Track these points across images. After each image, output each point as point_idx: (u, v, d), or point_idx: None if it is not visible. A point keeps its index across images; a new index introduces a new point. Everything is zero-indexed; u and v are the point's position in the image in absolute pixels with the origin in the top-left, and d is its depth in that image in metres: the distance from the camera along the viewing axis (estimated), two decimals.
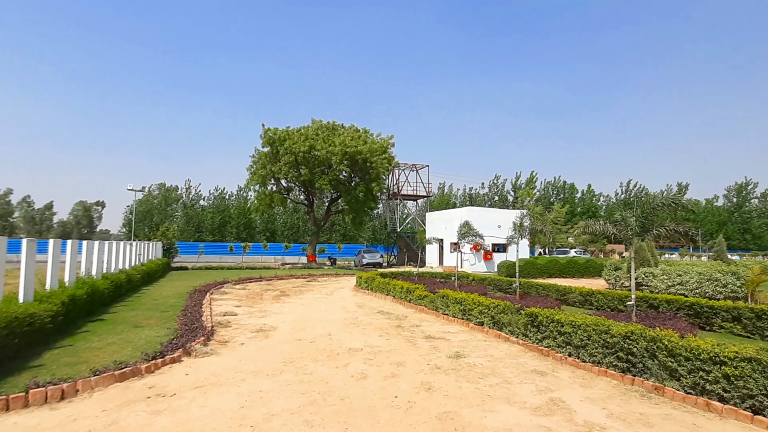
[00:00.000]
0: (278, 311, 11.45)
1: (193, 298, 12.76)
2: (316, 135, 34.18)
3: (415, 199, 44.59)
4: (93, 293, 9.85)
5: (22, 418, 4.21)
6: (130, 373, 5.46)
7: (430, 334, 8.82)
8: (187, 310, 10.38)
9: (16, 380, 5.17)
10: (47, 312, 7.04)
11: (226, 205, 70.72)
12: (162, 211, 66.95)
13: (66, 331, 7.95)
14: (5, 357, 5.77)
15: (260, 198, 36.13)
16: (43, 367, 5.76)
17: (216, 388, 5.21)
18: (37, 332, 6.69)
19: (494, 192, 76.68)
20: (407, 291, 12.99)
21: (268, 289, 16.83)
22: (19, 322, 6.10)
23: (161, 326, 8.73)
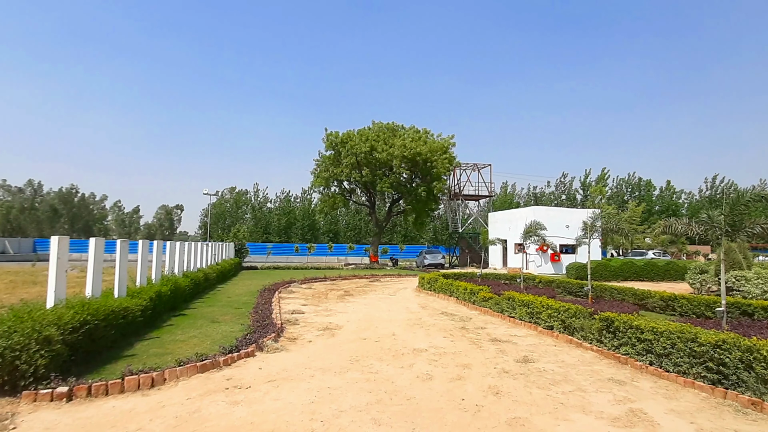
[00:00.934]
0: (343, 310, 11.71)
1: (263, 296, 13.38)
2: (376, 137, 34.61)
3: (476, 199, 43.76)
4: (176, 290, 10.64)
5: (119, 402, 4.64)
6: (210, 365, 5.83)
7: (496, 336, 8.60)
8: (258, 308, 10.91)
9: (113, 367, 5.71)
10: (138, 306, 7.70)
11: (291, 208, 73.58)
12: (233, 214, 70.96)
13: (153, 324, 8.65)
14: (104, 346, 6.39)
15: (324, 200, 37.24)
16: (135, 357, 6.31)
17: (287, 383, 5.42)
18: (129, 324, 7.34)
19: (561, 190, 73.35)
20: (471, 292, 12.77)
21: (333, 289, 17.27)
22: (115, 315, 6.72)
23: (235, 322, 9.24)
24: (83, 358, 5.75)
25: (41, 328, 4.95)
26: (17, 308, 5.51)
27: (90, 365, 5.73)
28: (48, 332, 4.95)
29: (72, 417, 4.22)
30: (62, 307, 5.90)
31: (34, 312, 5.35)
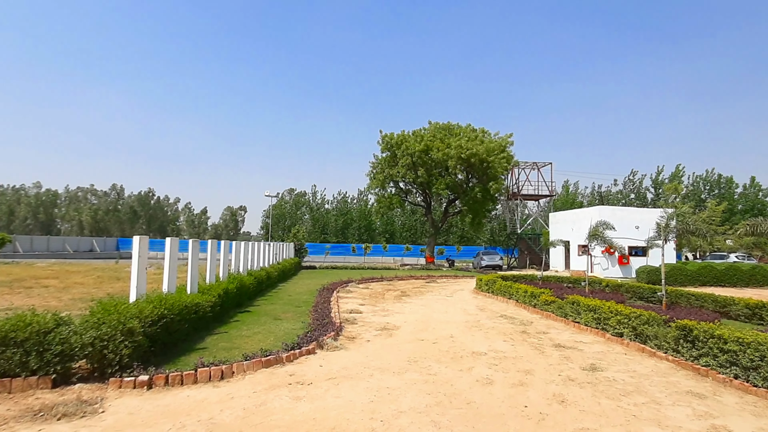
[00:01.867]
0: (400, 311, 11.74)
1: (322, 295, 13.72)
2: (432, 137, 34.39)
3: (536, 199, 42.23)
4: (241, 287, 11.17)
5: (193, 392, 4.94)
6: (273, 361, 6.07)
7: (560, 342, 8.25)
8: (317, 306, 11.20)
9: (187, 359, 6.09)
10: (208, 302, 8.17)
11: (348, 209, 74.91)
12: (292, 215, 73.39)
13: (221, 320, 9.13)
14: (178, 339, 6.84)
15: (380, 201, 37.52)
16: (206, 350, 6.69)
17: (347, 381, 5.52)
18: (200, 319, 7.80)
19: (630, 189, 69.01)
20: (531, 295, 12.34)
21: (390, 289, 17.37)
22: (188, 310, 7.17)
23: (296, 320, 9.54)
24: (161, 349, 6.19)
25: (125, 320, 5.38)
26: (105, 302, 6.03)
27: (167, 356, 6.16)
28: (131, 324, 5.37)
29: (152, 404, 4.55)
30: (143, 301, 6.38)
31: (119, 305, 5.82)
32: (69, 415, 4.16)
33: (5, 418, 4.08)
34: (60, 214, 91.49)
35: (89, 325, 5.23)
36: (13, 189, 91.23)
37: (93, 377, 5.17)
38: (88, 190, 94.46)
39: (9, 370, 4.76)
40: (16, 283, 15.52)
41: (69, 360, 5.02)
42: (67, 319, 5.31)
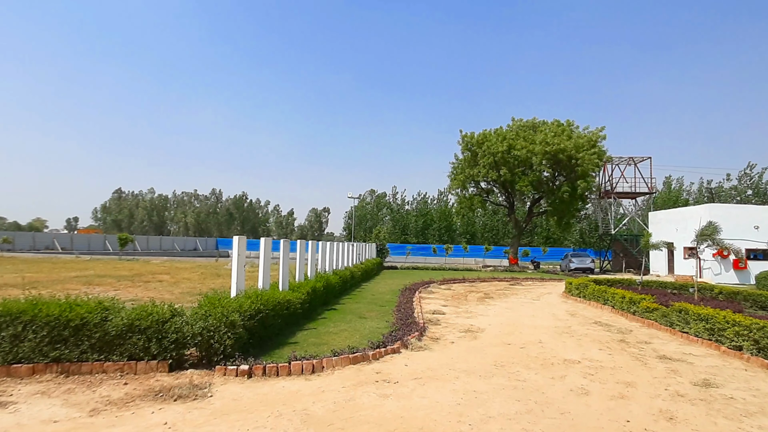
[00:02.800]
0: (483, 313, 11.47)
1: (405, 295, 13.83)
2: (515, 135, 33.19)
3: (633, 197, 38.88)
4: (327, 286, 11.64)
5: (287, 384, 5.24)
6: (360, 358, 6.24)
7: (665, 354, 7.52)
8: (400, 306, 11.31)
9: (280, 352, 6.47)
10: (298, 299, 8.62)
11: (428, 209, 74.78)
12: (373, 216, 74.91)
13: (309, 317, 9.58)
14: (272, 333, 7.29)
15: (460, 201, 36.99)
16: (297, 344, 7.06)
17: (433, 382, 5.51)
18: (291, 315, 8.25)
19: (746, 185, 60.95)
20: (630, 301, 11.39)
21: (472, 291, 17.05)
22: (281, 306, 7.62)
23: (381, 319, 9.72)
24: (257, 341, 6.65)
25: (228, 313, 5.86)
26: (210, 296, 6.62)
27: (262, 348, 6.60)
28: (233, 318, 5.83)
29: (252, 392, 4.90)
30: (242, 297, 6.90)
31: (222, 300, 6.36)
32: (183, 397, 4.62)
33: (132, 397, 4.64)
34: (169, 216, 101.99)
35: (198, 316, 5.77)
36: (132, 195, 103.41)
37: (201, 364, 5.70)
38: (192, 195, 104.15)
39: (134, 354, 5.41)
40: (136, 278, 17.59)
41: (182, 347, 5.58)
42: (180, 311, 5.90)
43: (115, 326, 5.34)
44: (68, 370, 5.24)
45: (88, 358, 5.31)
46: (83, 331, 5.28)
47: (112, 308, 5.61)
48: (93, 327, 5.30)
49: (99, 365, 5.31)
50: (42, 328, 5.19)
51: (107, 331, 5.32)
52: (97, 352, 5.33)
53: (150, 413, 4.22)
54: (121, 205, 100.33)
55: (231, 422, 4.07)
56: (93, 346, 5.31)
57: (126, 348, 5.39)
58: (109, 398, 4.58)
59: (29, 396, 4.59)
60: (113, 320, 5.38)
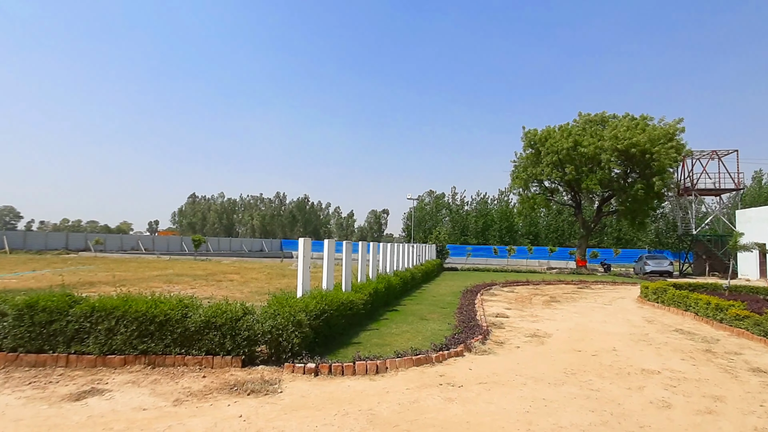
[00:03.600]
0: (550, 317, 11.02)
1: (466, 297, 13.62)
2: (582, 131, 31.58)
3: (717, 194, 35.64)
4: (389, 287, 11.72)
5: (352, 383, 5.33)
6: (423, 360, 6.22)
7: (759, 366, 6.81)
8: (462, 308, 11.15)
9: (345, 352, 6.61)
10: (361, 300, 8.75)
11: (488, 210, 73.14)
12: (432, 216, 74.44)
13: (371, 317, 9.70)
14: (336, 333, 7.46)
15: (523, 201, 35.80)
16: (360, 345, 7.17)
17: (498, 387, 5.37)
18: (354, 316, 8.40)
19: None
20: (717, 308, 10.43)
21: (537, 294, 16.44)
22: (344, 306, 7.78)
23: (442, 321, 9.64)
24: (322, 341, 6.83)
25: (295, 313, 6.08)
26: (278, 296, 6.90)
27: (327, 348, 6.77)
28: (300, 317, 6.04)
29: (319, 390, 5.05)
30: (308, 297, 7.13)
31: (289, 300, 6.61)
32: (256, 392, 4.85)
33: (210, 389, 4.94)
34: (238, 219, 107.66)
35: (267, 315, 6.03)
36: (204, 199, 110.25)
37: (271, 361, 5.95)
38: (258, 198, 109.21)
39: (211, 349, 5.76)
40: (210, 277, 18.74)
41: (254, 344, 5.86)
42: (251, 309, 6.20)
43: (194, 323, 5.72)
44: (154, 362, 5.68)
45: (171, 352, 5.72)
46: (166, 327, 5.70)
47: (191, 306, 6.01)
48: (175, 323, 5.71)
49: (180, 358, 5.71)
50: (132, 323, 5.67)
51: (187, 327, 5.71)
52: (179, 347, 5.74)
53: (226, 405, 4.47)
54: (195, 208, 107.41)
55: (300, 419, 4.21)
56: (175, 340, 5.72)
57: (204, 343, 5.75)
58: (190, 390, 4.91)
59: (122, 385, 5.03)
60: (192, 317, 5.76)
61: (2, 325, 5.62)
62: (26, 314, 5.63)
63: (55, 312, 5.67)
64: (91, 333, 5.67)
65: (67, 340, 5.67)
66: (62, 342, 5.67)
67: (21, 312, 5.64)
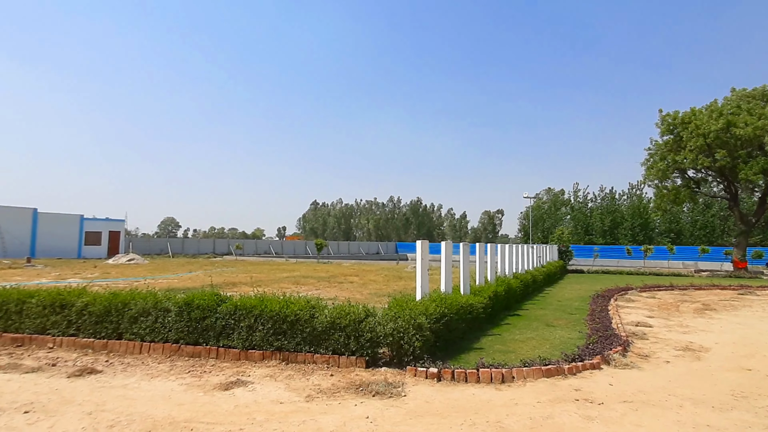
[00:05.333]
0: (705, 328, 9.47)
1: (597, 302, 12.40)
2: (736, 108, 26.88)
3: None
4: (509, 290, 11.17)
5: (477, 391, 5.11)
6: (554, 371, 5.73)
7: None
8: (594, 315, 10.16)
9: (466, 357, 6.40)
10: (480, 304, 8.44)
11: (616, 206, 66.33)
12: (552, 215, 69.81)
13: (492, 322, 9.31)
14: (456, 337, 7.28)
15: (660, 194, 31.62)
16: (482, 350, 6.89)
17: (648, 408, 4.70)
18: (474, 320, 8.13)
19: None
20: None
21: (685, 300, 14.32)
22: (464, 310, 7.57)
23: (571, 328, 8.87)
24: (443, 345, 6.71)
25: (415, 316, 6.05)
26: (398, 298, 6.96)
27: (448, 352, 6.62)
28: (420, 320, 5.99)
29: (443, 396, 4.92)
30: (427, 300, 7.07)
31: (408, 302, 6.61)
32: (380, 394, 4.91)
33: (338, 388, 5.12)
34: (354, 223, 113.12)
35: (388, 317, 6.09)
36: (324, 205, 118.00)
37: (393, 363, 6.00)
38: (372, 203, 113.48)
39: (337, 349, 6.00)
40: (332, 279, 19.85)
41: (376, 346, 5.97)
42: (373, 311, 6.33)
43: (321, 323, 6.01)
44: (288, 359, 6.10)
45: (301, 349, 6.09)
46: (297, 326, 6.09)
47: (318, 307, 6.34)
48: (304, 323, 6.07)
49: (310, 356, 6.05)
50: (267, 321, 6.16)
51: (315, 327, 6.03)
52: (308, 345, 6.08)
53: (353, 405, 4.58)
54: (316, 214, 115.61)
55: (426, 425, 4.13)
56: (305, 339, 6.08)
57: (330, 343, 6.01)
58: (320, 387, 5.15)
59: (261, 378, 5.48)
60: (319, 318, 6.07)
61: (167, 319, 6.52)
62: (185, 311, 6.46)
63: (206, 309, 6.41)
64: (235, 329, 6.30)
65: (216, 335, 6.37)
66: (213, 336, 6.38)
67: (181, 309, 6.48)
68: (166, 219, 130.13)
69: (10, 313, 7.14)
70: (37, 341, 6.94)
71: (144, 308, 6.62)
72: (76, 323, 6.86)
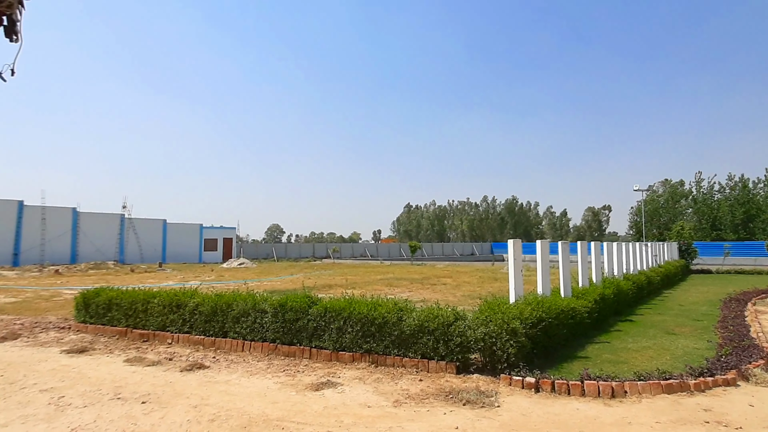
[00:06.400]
0: None
1: (729, 307, 10.69)
2: None
3: None
4: (618, 293, 10.08)
5: (582, 406, 4.58)
6: (677, 387, 4.95)
7: None
8: (726, 322, 8.75)
9: (569, 367, 5.82)
10: (584, 308, 7.69)
11: (750, 196, 57.31)
12: (669, 210, 62.46)
13: (599, 328, 8.44)
14: (557, 344, 6.68)
15: None
16: (588, 360, 6.24)
17: None
18: (577, 325, 7.41)
19: None
20: None
21: None
22: (565, 314, 6.93)
23: (697, 337, 7.71)
24: (541, 352, 6.19)
25: (508, 320, 5.64)
26: (490, 301, 6.57)
27: (547, 360, 6.09)
28: (513, 325, 5.58)
29: (542, 409, 4.49)
30: (521, 303, 6.59)
31: (501, 305, 6.21)
32: (471, 403, 4.62)
33: (426, 394, 4.94)
34: (448, 224, 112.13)
35: (479, 321, 5.77)
36: (417, 207, 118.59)
37: (486, 370, 5.66)
38: (465, 203, 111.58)
39: (425, 354, 5.82)
40: (425, 280, 19.72)
41: (467, 351, 5.68)
42: (463, 315, 6.05)
43: (409, 326, 5.88)
44: (377, 361, 6.07)
45: (390, 352, 6.02)
46: (385, 329, 6.03)
47: (405, 309, 6.22)
48: (392, 326, 5.99)
49: (399, 359, 5.95)
50: (356, 323, 6.19)
51: (403, 330, 5.92)
52: (397, 348, 5.99)
53: (442, 414, 4.37)
54: (410, 217, 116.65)
55: None
56: (393, 342, 5.99)
57: (418, 346, 5.85)
58: (408, 392, 5.01)
59: (351, 380, 5.49)
60: (407, 321, 5.94)
61: (264, 320, 6.86)
62: (279, 312, 6.75)
63: (298, 311, 6.63)
64: (326, 331, 6.42)
65: (309, 336, 6.56)
66: (305, 337, 6.58)
67: (276, 310, 6.79)
68: (271, 226, 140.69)
69: (138, 311, 8.07)
70: (159, 337, 7.76)
71: (244, 309, 7.04)
72: (190, 321, 7.52)
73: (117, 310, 8.27)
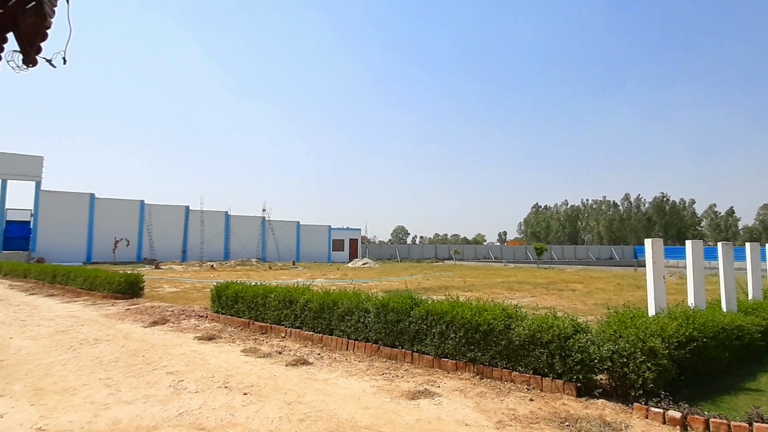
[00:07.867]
0: None
1: None
2: None
3: None
4: None
5: None
6: None
7: None
8: None
9: (732, 401, 4.56)
10: (755, 326, 6.07)
11: None
12: None
13: None
14: (716, 370, 5.33)
15: None
16: (759, 393, 4.84)
17: None
18: (746, 348, 5.88)
19: None
20: None
21: None
22: (727, 333, 5.51)
23: None
24: (692, 380, 4.96)
25: (644, 337, 4.61)
26: (620, 312, 5.52)
27: (701, 391, 4.86)
28: (652, 343, 4.53)
29: None
30: (664, 316, 5.42)
31: (636, 319, 5.14)
32: None
33: (537, 417, 4.25)
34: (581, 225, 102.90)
35: (606, 336, 4.83)
36: (546, 208, 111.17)
37: (615, 395, 4.71)
38: (602, 202, 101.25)
39: (538, 369, 5.07)
40: (550, 285, 18.09)
41: (589, 371, 4.78)
42: (585, 327, 5.14)
43: (518, 336, 5.19)
44: (481, 373, 5.49)
45: (497, 364, 5.39)
46: (490, 337, 5.42)
47: (515, 316, 5.52)
48: (498, 334, 5.36)
49: (507, 373, 5.29)
50: (459, 329, 5.69)
51: (511, 340, 5.25)
52: (504, 360, 5.34)
53: None
54: (538, 218, 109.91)
55: None
56: (500, 352, 5.36)
57: (530, 360, 5.13)
58: (515, 413, 4.37)
59: (450, 391, 5.02)
60: (516, 329, 5.25)
61: (367, 320, 6.74)
62: (381, 312, 6.56)
63: (400, 312, 6.35)
64: (428, 335, 6.04)
65: (410, 339, 6.24)
66: (407, 339, 6.27)
67: (378, 310, 6.61)
68: (397, 227, 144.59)
69: (258, 305, 8.63)
70: (275, 330, 8.18)
71: (348, 308, 7.01)
72: (300, 317, 7.78)
73: (242, 302, 8.96)
